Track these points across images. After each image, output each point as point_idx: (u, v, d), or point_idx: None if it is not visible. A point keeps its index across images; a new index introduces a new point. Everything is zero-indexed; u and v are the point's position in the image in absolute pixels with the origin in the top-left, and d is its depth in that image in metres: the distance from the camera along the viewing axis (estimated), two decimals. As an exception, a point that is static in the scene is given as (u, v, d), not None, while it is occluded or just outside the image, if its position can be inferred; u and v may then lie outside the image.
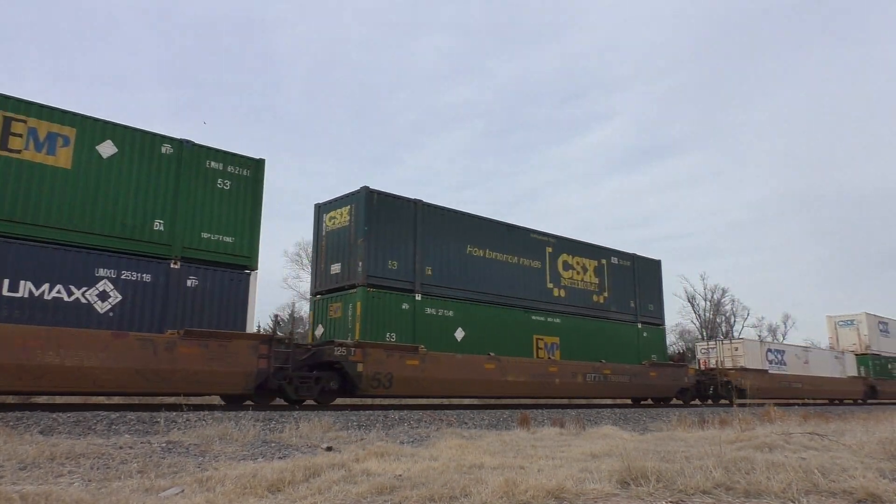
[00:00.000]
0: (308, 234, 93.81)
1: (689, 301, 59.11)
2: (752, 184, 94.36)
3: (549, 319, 20.30)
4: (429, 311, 16.96)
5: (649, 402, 24.61)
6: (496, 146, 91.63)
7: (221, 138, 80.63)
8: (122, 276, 11.98)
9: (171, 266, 12.72)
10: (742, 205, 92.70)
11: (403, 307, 16.52)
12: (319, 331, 16.79)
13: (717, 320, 59.85)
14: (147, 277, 12.34)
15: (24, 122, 11.31)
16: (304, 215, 78.25)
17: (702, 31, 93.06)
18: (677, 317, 67.39)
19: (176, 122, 78.15)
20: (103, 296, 11.71)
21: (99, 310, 11.61)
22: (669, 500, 4.43)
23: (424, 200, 17.69)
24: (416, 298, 16.78)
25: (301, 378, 14.83)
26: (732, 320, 61.15)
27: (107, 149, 12.07)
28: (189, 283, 12.94)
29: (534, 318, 19.87)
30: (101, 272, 11.71)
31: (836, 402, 33.91)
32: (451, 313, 17.38)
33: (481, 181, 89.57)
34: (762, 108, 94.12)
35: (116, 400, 16.50)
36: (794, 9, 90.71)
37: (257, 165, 14.01)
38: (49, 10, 67.90)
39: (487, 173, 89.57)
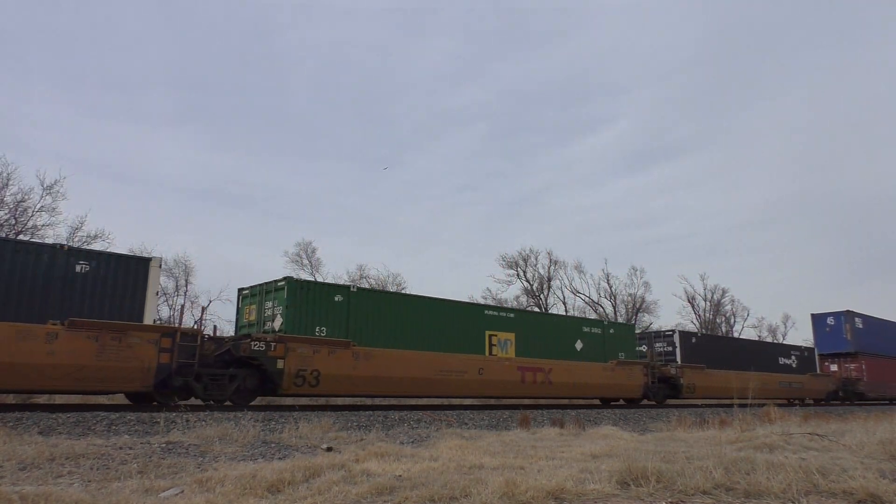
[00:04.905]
0: (307, 235, 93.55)
1: (689, 301, 59.09)
2: (754, 185, 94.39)
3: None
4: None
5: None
6: (500, 149, 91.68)
7: (222, 138, 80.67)
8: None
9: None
10: (744, 206, 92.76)
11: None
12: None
13: (718, 321, 59.82)
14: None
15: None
16: (305, 215, 78.28)
17: (705, 35, 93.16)
18: (677, 317, 67.41)
19: (182, 125, 78.23)
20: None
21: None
22: (669, 500, 4.43)
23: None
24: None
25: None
26: (732, 321, 61.15)
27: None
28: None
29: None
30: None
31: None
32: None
33: (484, 183, 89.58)
34: (764, 110, 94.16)
35: (116, 400, 16.50)
36: (797, 12, 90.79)
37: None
38: (54, 11, 67.97)
39: (490, 175, 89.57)
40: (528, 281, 51.93)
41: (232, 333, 17.06)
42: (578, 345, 21.02)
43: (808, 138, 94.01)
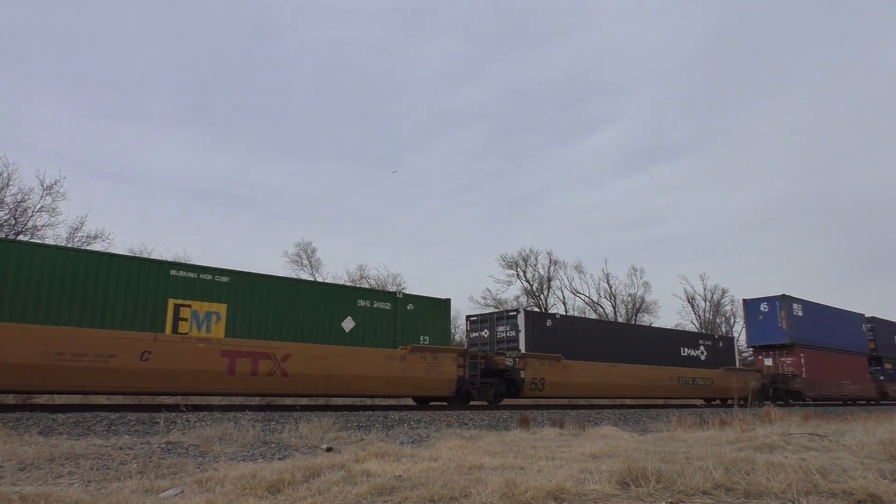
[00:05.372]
0: (307, 235, 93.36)
1: (689, 302, 59.05)
2: (754, 185, 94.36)
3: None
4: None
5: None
6: (500, 149, 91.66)
7: (222, 138, 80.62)
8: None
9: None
10: (744, 206, 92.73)
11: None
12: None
13: (717, 321, 59.81)
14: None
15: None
16: (305, 215, 78.21)
17: (705, 35, 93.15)
18: (677, 317, 67.38)
19: (182, 125, 78.22)
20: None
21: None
22: (669, 500, 4.43)
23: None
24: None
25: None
26: (732, 321, 61.10)
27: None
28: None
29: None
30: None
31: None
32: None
33: (484, 183, 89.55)
34: (764, 110, 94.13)
35: (116, 400, 16.50)
36: (797, 12, 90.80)
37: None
38: (55, 11, 67.96)
39: (490, 175, 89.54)
40: (528, 281, 51.91)
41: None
42: (348, 324, 15.73)
43: (808, 138, 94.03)
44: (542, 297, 51.90)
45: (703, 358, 26.25)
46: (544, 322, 20.97)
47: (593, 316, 49.39)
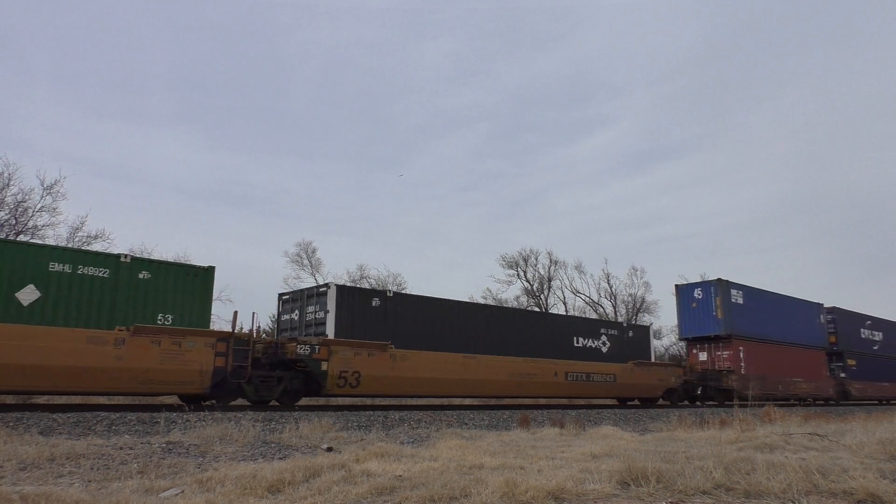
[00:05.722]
0: (307, 235, 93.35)
1: (689, 301, 58.91)
2: (754, 185, 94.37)
3: None
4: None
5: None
6: (500, 149, 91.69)
7: (222, 138, 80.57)
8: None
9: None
10: (744, 206, 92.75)
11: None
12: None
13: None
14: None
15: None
16: (305, 215, 78.19)
17: (706, 35, 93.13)
18: (676, 317, 67.12)
19: (182, 125, 78.23)
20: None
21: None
22: (669, 500, 4.43)
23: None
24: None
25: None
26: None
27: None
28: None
29: None
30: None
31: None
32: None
33: (484, 183, 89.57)
34: (766, 110, 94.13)
35: (117, 400, 16.50)
36: (797, 12, 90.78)
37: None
38: (57, 12, 68.00)
39: (491, 175, 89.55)
40: (528, 281, 51.87)
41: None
42: (27, 294, 11.92)
43: (808, 138, 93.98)
44: (542, 296, 51.92)
45: (605, 350, 22.06)
46: (368, 301, 16.65)
47: (594, 316, 49.40)
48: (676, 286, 27.42)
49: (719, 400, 24.28)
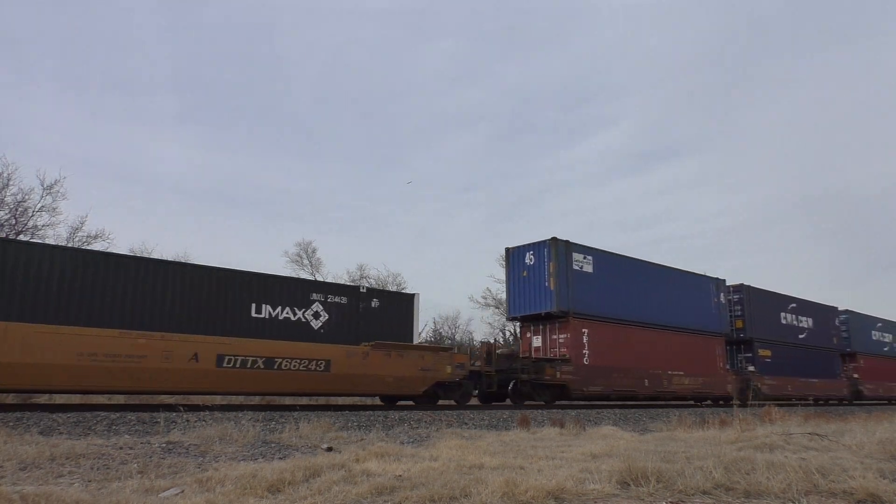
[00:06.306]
0: (307, 235, 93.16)
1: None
2: (755, 185, 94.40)
3: None
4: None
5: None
6: (501, 149, 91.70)
7: (223, 138, 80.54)
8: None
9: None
10: (744, 206, 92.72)
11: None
12: None
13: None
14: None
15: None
16: (305, 215, 78.14)
17: (707, 36, 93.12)
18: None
19: (183, 126, 78.17)
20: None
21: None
22: (669, 500, 4.43)
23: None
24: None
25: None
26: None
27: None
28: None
29: None
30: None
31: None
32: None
33: (485, 183, 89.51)
34: (767, 110, 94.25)
35: (116, 400, 16.50)
36: (798, 13, 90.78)
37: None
38: (58, 12, 68.02)
39: (491, 175, 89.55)
40: (527, 281, 51.69)
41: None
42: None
43: (809, 138, 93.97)
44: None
45: (318, 326, 15.07)
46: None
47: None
48: (507, 249, 21.03)
49: (544, 399, 18.90)
